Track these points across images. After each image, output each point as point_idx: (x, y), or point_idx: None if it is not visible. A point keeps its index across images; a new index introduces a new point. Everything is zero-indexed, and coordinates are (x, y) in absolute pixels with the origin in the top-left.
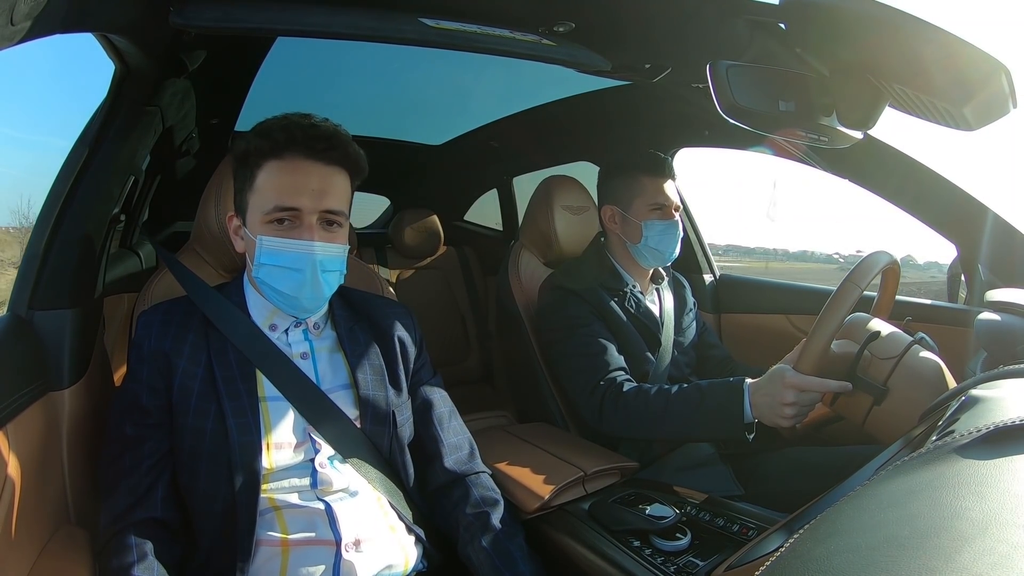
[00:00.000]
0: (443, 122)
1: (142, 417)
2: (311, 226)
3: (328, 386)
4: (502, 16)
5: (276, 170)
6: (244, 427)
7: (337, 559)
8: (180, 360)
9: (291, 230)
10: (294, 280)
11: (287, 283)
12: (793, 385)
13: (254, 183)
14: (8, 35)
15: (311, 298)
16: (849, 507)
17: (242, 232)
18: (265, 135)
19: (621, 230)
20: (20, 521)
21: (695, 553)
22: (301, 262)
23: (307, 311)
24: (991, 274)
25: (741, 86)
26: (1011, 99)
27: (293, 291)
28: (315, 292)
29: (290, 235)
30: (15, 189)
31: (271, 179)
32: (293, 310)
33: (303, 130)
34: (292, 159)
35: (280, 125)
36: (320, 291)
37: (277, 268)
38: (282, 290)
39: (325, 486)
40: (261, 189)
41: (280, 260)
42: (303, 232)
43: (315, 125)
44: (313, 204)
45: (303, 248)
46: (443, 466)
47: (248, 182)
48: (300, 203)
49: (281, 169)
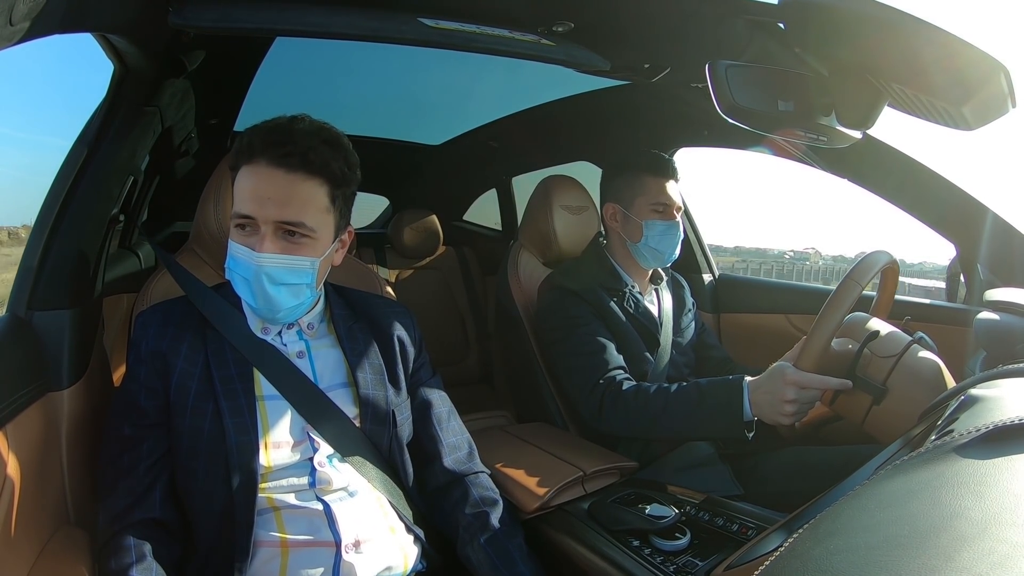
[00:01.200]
0: (442, 122)
1: (140, 418)
2: (264, 235)
3: (326, 384)
4: (501, 16)
5: (244, 175)
6: (241, 426)
7: (337, 560)
8: (177, 360)
9: (248, 237)
10: (247, 289)
11: (243, 290)
12: (794, 382)
13: (233, 186)
14: (7, 35)
15: (266, 309)
16: (848, 507)
17: None
18: (242, 139)
19: (622, 228)
20: (19, 521)
21: (694, 553)
22: (248, 271)
23: (277, 321)
24: (990, 273)
25: (740, 86)
26: (1010, 99)
27: (248, 299)
28: (268, 304)
29: (246, 242)
30: (15, 189)
31: (239, 184)
32: (266, 317)
33: (265, 134)
34: (258, 165)
35: (255, 129)
36: (273, 303)
37: (236, 275)
38: (246, 298)
39: (324, 485)
40: (236, 192)
41: (236, 267)
42: (255, 241)
43: (276, 129)
44: (266, 213)
45: (247, 256)
46: (442, 466)
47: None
48: (253, 211)
49: (248, 175)
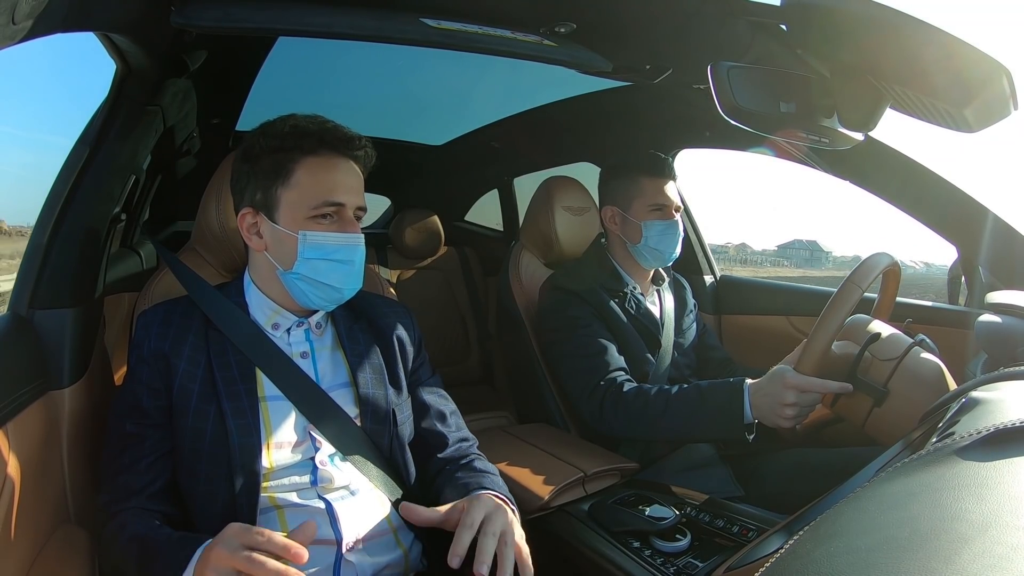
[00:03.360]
0: (444, 122)
1: (142, 417)
2: (352, 220)
3: (328, 384)
4: (503, 17)
5: (317, 167)
6: (244, 428)
7: (338, 559)
8: (179, 361)
9: (336, 225)
10: (342, 272)
11: (335, 276)
12: (794, 386)
13: (289, 179)
14: (9, 34)
15: (353, 288)
16: (849, 509)
17: (265, 229)
18: (299, 133)
19: (621, 230)
20: (20, 520)
21: (695, 554)
22: (352, 254)
23: (341, 302)
24: (991, 276)
25: (742, 87)
26: (1012, 101)
27: (340, 283)
28: (358, 282)
29: (334, 229)
30: (19, 187)
31: (313, 175)
32: (328, 302)
33: (337, 130)
34: (329, 157)
35: (312, 124)
36: (361, 281)
37: (325, 262)
38: (328, 283)
39: (326, 483)
40: (301, 185)
41: (330, 253)
42: (346, 226)
43: (327, 123)
44: (353, 200)
45: (354, 240)
46: (443, 455)
47: (280, 178)
48: (345, 198)
49: (322, 166)
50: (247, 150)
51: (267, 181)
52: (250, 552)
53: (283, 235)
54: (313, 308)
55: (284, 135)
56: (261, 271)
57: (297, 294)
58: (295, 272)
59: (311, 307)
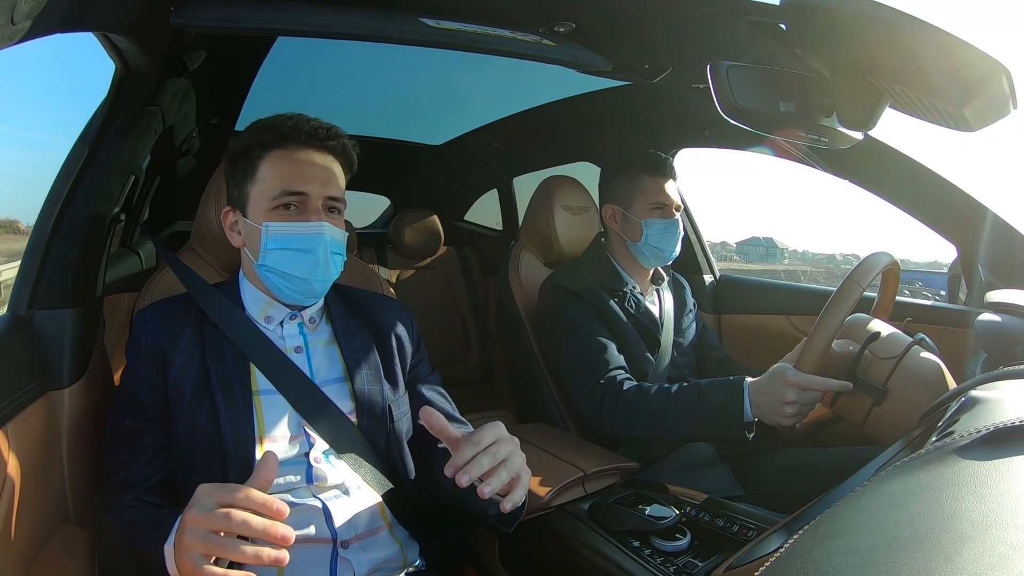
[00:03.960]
0: (443, 122)
1: (140, 411)
2: (317, 209)
3: (321, 379)
4: (503, 16)
5: (280, 159)
6: (237, 420)
7: (334, 557)
8: (175, 355)
9: (298, 215)
10: (305, 262)
11: (298, 266)
12: (794, 384)
13: (256, 174)
14: (9, 34)
15: (322, 279)
16: (849, 508)
17: (240, 225)
18: (266, 128)
19: (622, 229)
20: (20, 520)
21: (695, 554)
22: (313, 243)
23: (315, 295)
24: (991, 275)
25: (741, 87)
26: (1011, 100)
27: (305, 273)
28: (326, 273)
29: (297, 219)
30: (19, 188)
31: (275, 168)
32: (300, 295)
33: (300, 123)
34: (295, 148)
35: (280, 119)
36: (329, 272)
37: (287, 252)
38: (293, 273)
39: (320, 481)
40: (264, 178)
41: (290, 243)
42: (310, 215)
43: (302, 119)
44: (319, 190)
45: (313, 229)
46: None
47: (248, 174)
48: (307, 188)
49: (285, 158)
50: (228, 153)
51: (241, 179)
52: (228, 510)
53: (251, 228)
54: (292, 303)
55: (249, 134)
56: (247, 267)
57: (272, 287)
58: (262, 264)
59: (289, 301)
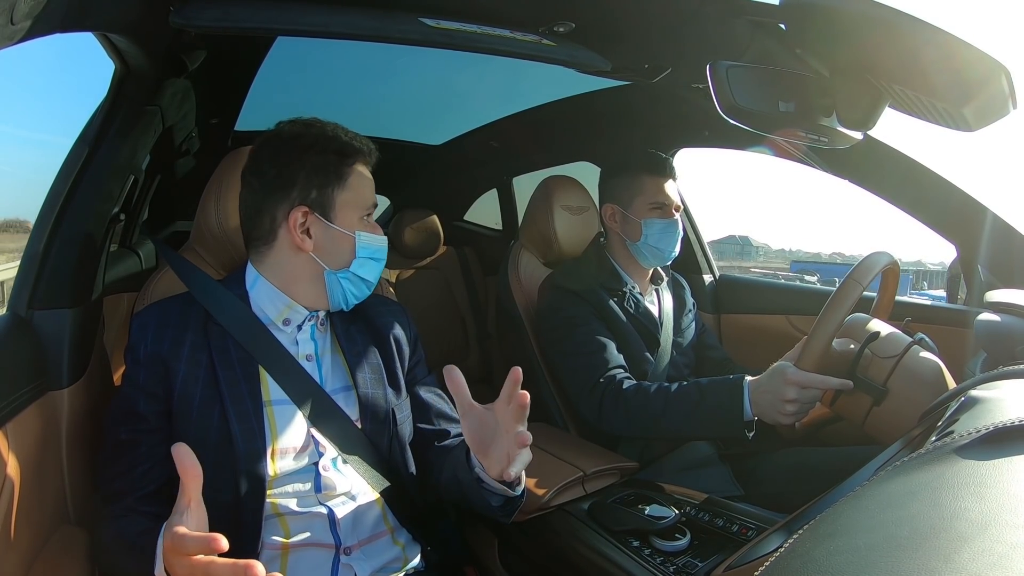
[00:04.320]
0: (443, 122)
1: (137, 422)
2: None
3: (331, 388)
4: (502, 16)
5: (363, 172)
6: (249, 433)
7: (336, 562)
8: (179, 364)
9: (372, 228)
10: (377, 269)
11: (374, 273)
12: (795, 382)
13: (345, 181)
14: (8, 34)
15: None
16: (849, 507)
17: (318, 228)
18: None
19: (621, 228)
20: (19, 521)
21: (694, 553)
22: (384, 253)
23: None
24: (990, 275)
25: (741, 87)
26: (1011, 100)
27: (374, 278)
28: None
29: (376, 231)
30: (19, 187)
31: (362, 180)
32: (355, 299)
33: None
34: (366, 163)
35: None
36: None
37: (372, 261)
38: (367, 278)
39: (328, 490)
40: (355, 187)
41: (376, 253)
42: (378, 228)
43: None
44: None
45: (385, 241)
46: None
47: (335, 180)
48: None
49: (364, 174)
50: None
51: (324, 182)
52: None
53: (340, 234)
54: (335, 308)
55: (342, 140)
56: (286, 268)
57: (336, 293)
58: (349, 271)
59: (339, 306)
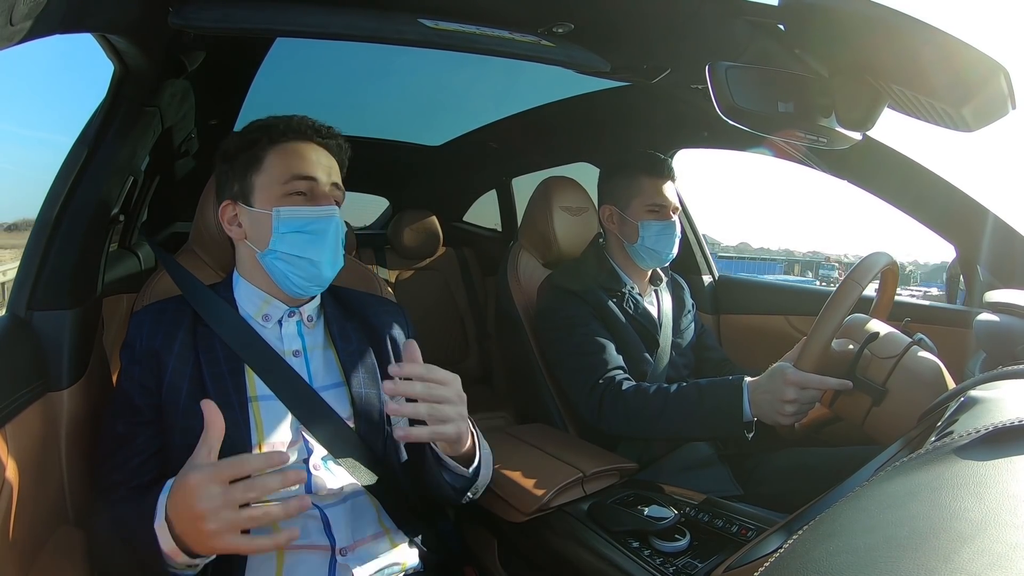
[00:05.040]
0: (442, 123)
1: (134, 415)
2: (326, 195)
3: (320, 384)
4: (501, 17)
5: (286, 151)
6: (233, 424)
7: (332, 564)
8: (170, 358)
9: (309, 200)
10: (318, 245)
11: (311, 248)
12: (794, 382)
13: (261, 164)
14: (8, 35)
15: (330, 264)
16: (848, 508)
17: (243, 216)
18: (269, 124)
19: (619, 230)
20: (19, 521)
21: (694, 554)
22: (325, 224)
23: (322, 282)
24: (990, 275)
25: (740, 87)
26: (1010, 100)
27: (316, 255)
28: (334, 258)
29: (306, 204)
30: (18, 187)
31: (282, 157)
32: (308, 281)
33: (304, 120)
34: (299, 141)
35: (280, 118)
36: (337, 259)
37: (300, 235)
38: (305, 256)
39: (320, 489)
40: (272, 167)
41: (303, 226)
42: (320, 200)
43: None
44: (325, 177)
45: (325, 212)
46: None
47: (252, 165)
48: (316, 173)
49: (291, 150)
50: (224, 152)
51: (242, 172)
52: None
53: (258, 216)
54: (298, 294)
55: (252, 130)
56: (246, 262)
57: (278, 277)
58: (272, 250)
59: (294, 291)
